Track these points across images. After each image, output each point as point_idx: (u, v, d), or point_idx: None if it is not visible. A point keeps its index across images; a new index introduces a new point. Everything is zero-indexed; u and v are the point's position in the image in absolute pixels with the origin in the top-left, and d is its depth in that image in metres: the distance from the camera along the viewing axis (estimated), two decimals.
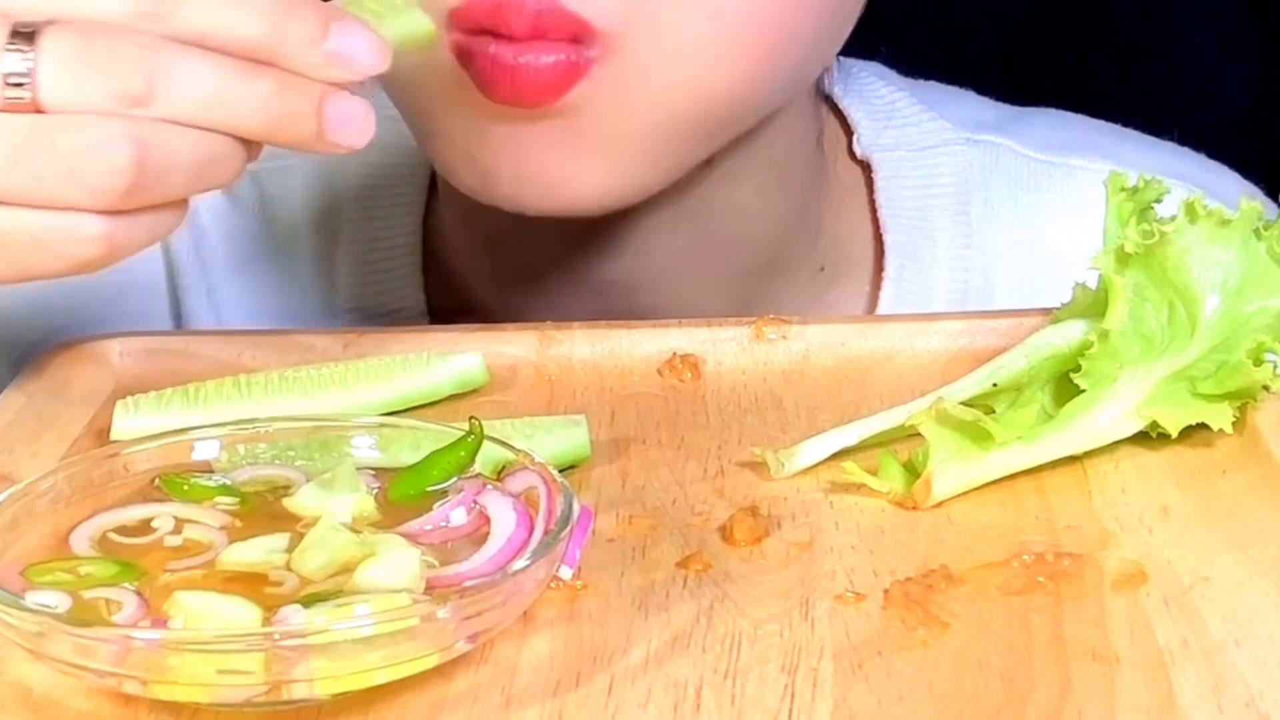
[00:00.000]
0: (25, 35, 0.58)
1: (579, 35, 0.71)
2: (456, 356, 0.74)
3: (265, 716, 0.55)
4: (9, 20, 0.59)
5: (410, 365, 0.73)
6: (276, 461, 0.64)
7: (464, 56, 0.73)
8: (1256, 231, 0.66)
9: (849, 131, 0.92)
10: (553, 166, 0.74)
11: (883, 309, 0.90)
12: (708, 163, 0.81)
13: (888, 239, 0.90)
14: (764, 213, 0.86)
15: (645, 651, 0.56)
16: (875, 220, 0.91)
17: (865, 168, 0.92)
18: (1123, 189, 0.68)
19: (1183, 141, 0.98)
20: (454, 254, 0.91)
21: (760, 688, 0.54)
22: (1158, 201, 0.68)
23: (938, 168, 0.92)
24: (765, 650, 0.56)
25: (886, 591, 0.59)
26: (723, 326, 0.77)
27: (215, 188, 0.62)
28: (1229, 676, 0.54)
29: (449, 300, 0.92)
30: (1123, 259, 0.67)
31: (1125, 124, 0.99)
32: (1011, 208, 0.92)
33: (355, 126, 0.61)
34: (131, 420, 0.70)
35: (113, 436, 0.70)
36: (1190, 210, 0.66)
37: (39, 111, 0.59)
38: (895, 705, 0.53)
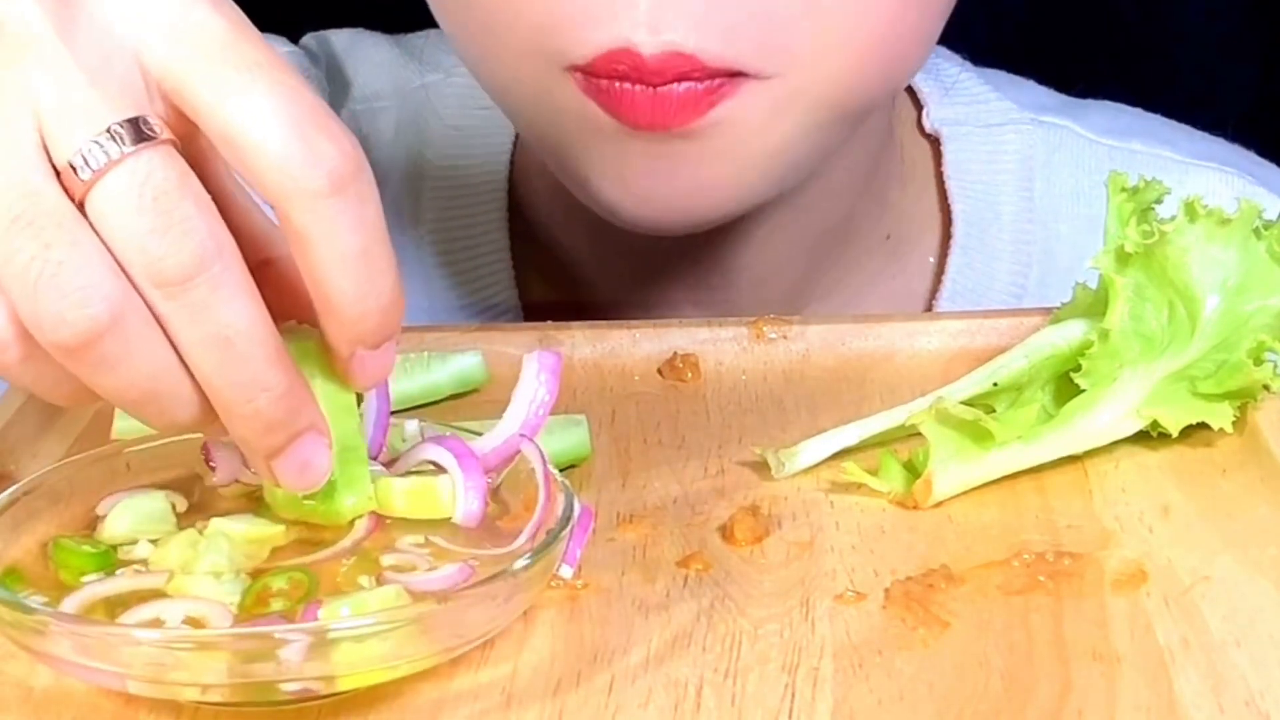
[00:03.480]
0: (136, 134, 0.52)
1: (726, 75, 0.71)
2: (456, 356, 0.74)
3: (265, 716, 0.55)
4: (132, 111, 0.53)
5: (410, 365, 0.73)
6: None
7: (592, 92, 0.72)
8: (1256, 231, 0.66)
9: (918, 106, 0.94)
10: (691, 182, 0.74)
11: (950, 275, 0.91)
12: None
13: (955, 209, 0.92)
14: (838, 180, 0.88)
15: (645, 651, 0.56)
16: (941, 193, 0.93)
17: (933, 142, 0.93)
18: (1123, 189, 0.68)
19: None
20: (538, 209, 0.92)
21: (761, 687, 0.54)
22: (1158, 202, 0.68)
23: (1004, 145, 0.94)
24: (766, 650, 0.56)
25: (887, 591, 0.59)
26: (723, 326, 0.77)
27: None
28: (1229, 676, 0.54)
29: (530, 256, 0.93)
30: (1123, 259, 0.67)
31: None
32: (1073, 187, 0.94)
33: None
34: (132, 420, 0.70)
35: (113, 436, 0.70)
36: (1190, 210, 0.66)
37: (79, 205, 0.52)
38: (896, 704, 0.53)
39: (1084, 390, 0.66)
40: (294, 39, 0.99)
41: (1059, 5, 1.53)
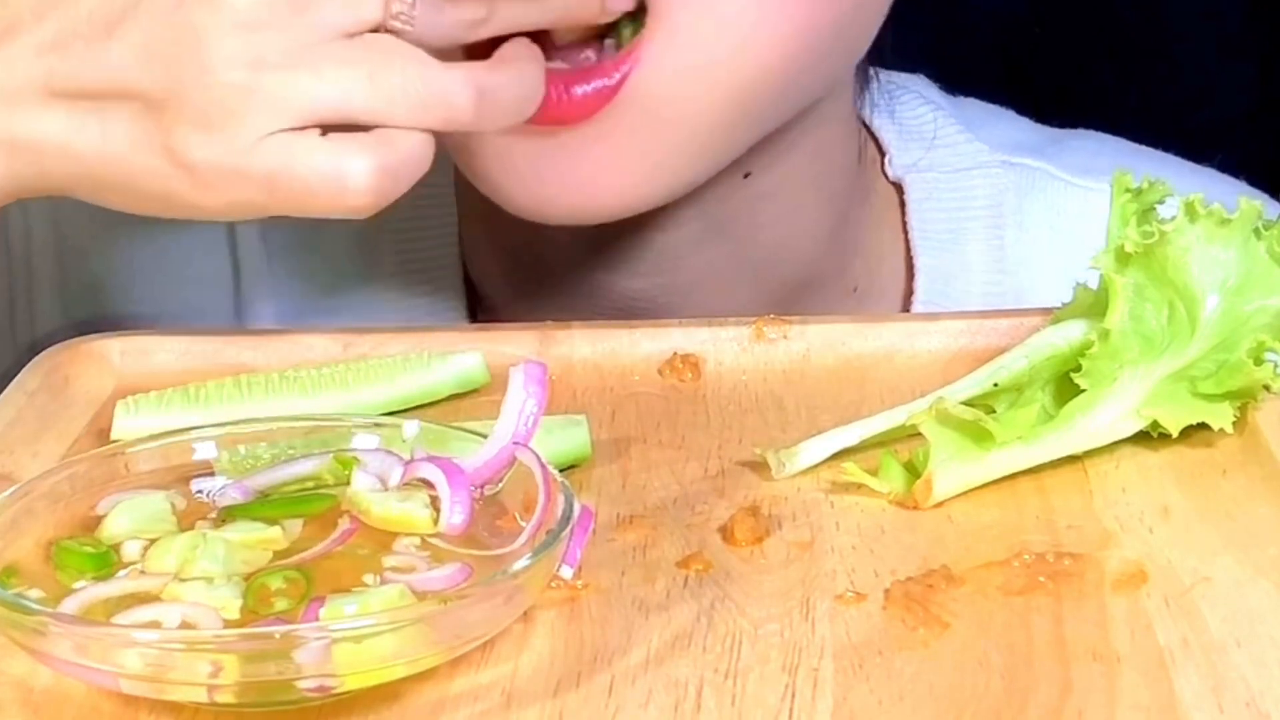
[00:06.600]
0: None
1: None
2: (456, 356, 0.74)
3: (265, 716, 0.55)
4: None
5: (410, 365, 0.73)
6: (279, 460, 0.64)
7: None
8: (1256, 231, 0.66)
9: (883, 152, 0.92)
10: (589, 170, 0.74)
11: None
12: (745, 175, 0.81)
13: (919, 262, 0.90)
14: (800, 232, 0.86)
15: (645, 651, 0.56)
16: (908, 242, 0.90)
17: (899, 189, 0.91)
18: (1127, 189, 0.68)
19: (1183, 141, 0.98)
20: (479, 270, 0.91)
21: (761, 687, 0.54)
22: (1160, 203, 0.68)
23: (972, 190, 0.91)
24: (766, 650, 0.56)
25: (887, 591, 0.59)
26: (723, 326, 0.77)
27: (522, 119, 0.68)
28: (1229, 676, 0.54)
29: (480, 307, 0.91)
30: (1123, 258, 0.67)
31: (1125, 124, 0.99)
32: (1047, 231, 0.91)
33: None
34: (132, 420, 0.70)
35: (113, 436, 0.70)
36: (1190, 210, 0.66)
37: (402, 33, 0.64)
38: (896, 705, 0.53)
39: (1084, 390, 0.66)
40: None
41: (1059, 5, 1.53)
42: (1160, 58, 1.50)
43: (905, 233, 0.90)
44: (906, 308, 0.90)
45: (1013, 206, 0.92)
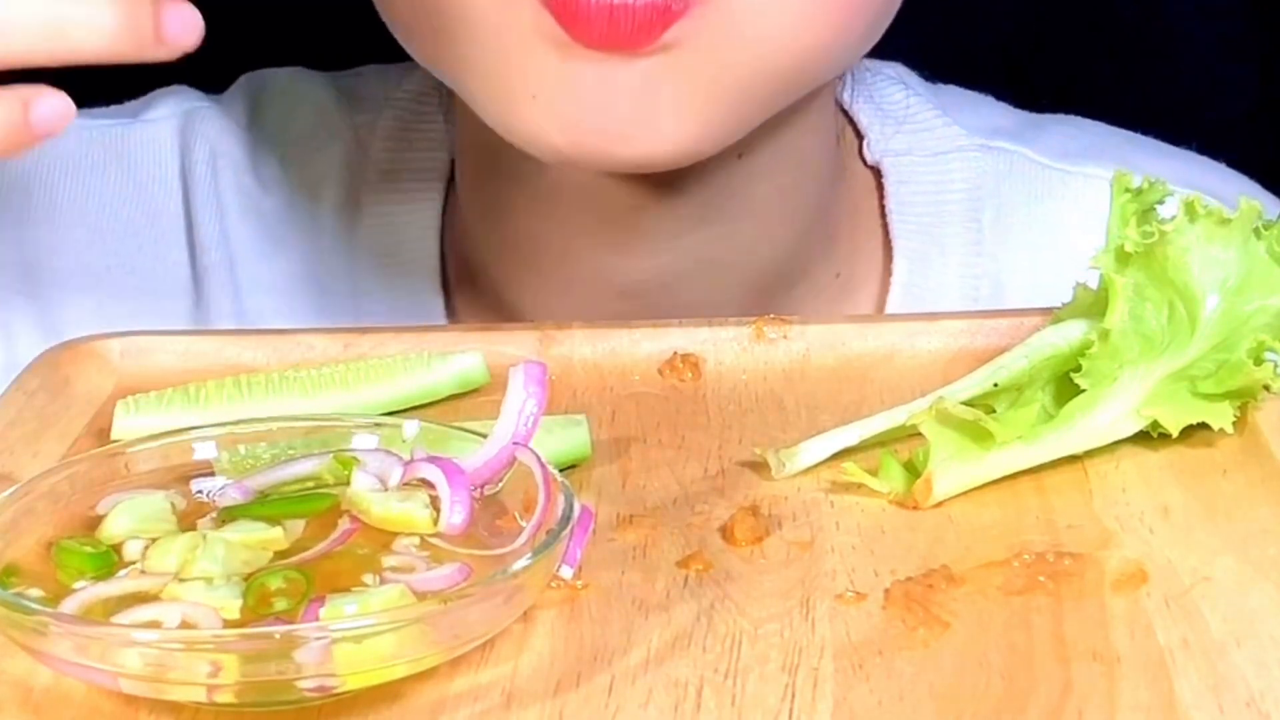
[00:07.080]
0: None
1: None
2: (456, 356, 0.74)
3: (265, 716, 0.55)
4: None
5: (410, 365, 0.73)
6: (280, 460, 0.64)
7: (549, 3, 0.71)
8: (1256, 231, 0.66)
9: (860, 136, 0.92)
10: (644, 112, 0.73)
11: (892, 313, 0.89)
12: (740, 156, 0.81)
13: (896, 245, 0.90)
14: (786, 215, 0.86)
15: (645, 651, 0.56)
16: (885, 226, 0.91)
17: (877, 173, 0.91)
18: (1127, 189, 0.68)
19: (1183, 141, 0.98)
20: (475, 250, 0.90)
21: (761, 687, 0.54)
22: (1160, 203, 0.68)
23: (950, 174, 0.91)
24: (766, 650, 0.56)
25: (887, 591, 0.59)
26: (723, 326, 0.77)
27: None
28: (1229, 676, 0.54)
29: (467, 297, 0.91)
30: (1123, 258, 0.67)
31: (1125, 124, 0.99)
32: (1025, 216, 0.91)
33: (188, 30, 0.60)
34: (132, 420, 0.70)
35: (113, 436, 0.70)
36: (1190, 209, 0.66)
37: None
38: (896, 705, 0.53)
39: (1084, 390, 0.66)
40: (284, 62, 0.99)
41: (1059, 5, 1.53)
42: (1160, 58, 1.50)
43: (883, 217, 0.91)
44: (885, 292, 0.90)
45: (991, 190, 0.92)
